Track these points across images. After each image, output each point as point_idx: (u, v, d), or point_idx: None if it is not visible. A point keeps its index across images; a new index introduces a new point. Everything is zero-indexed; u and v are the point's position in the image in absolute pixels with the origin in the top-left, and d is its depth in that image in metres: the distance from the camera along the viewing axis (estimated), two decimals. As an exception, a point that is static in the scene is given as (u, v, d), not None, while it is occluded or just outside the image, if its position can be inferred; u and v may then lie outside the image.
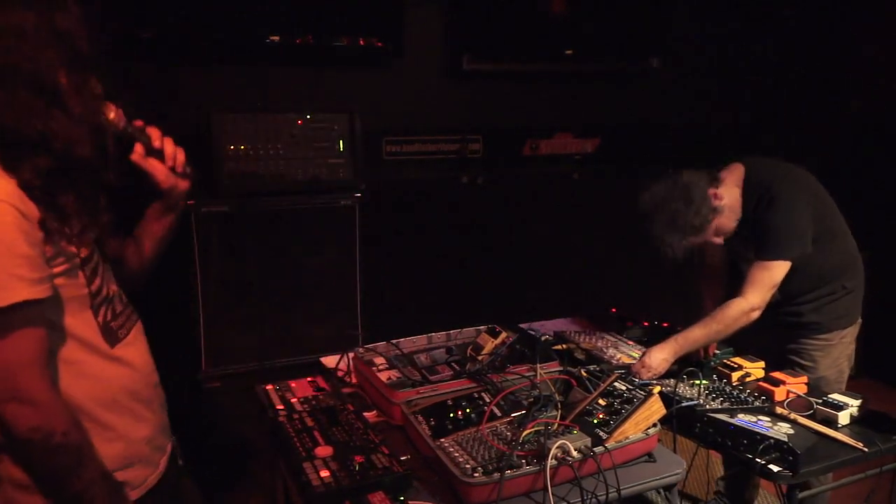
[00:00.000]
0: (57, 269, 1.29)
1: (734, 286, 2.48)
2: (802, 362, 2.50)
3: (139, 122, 1.50)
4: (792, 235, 2.30)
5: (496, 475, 1.60)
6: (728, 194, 2.37)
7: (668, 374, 2.30)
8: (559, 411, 1.89)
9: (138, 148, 1.49)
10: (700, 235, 2.35)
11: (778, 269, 2.30)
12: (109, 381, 1.39)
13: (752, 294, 2.30)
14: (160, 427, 1.53)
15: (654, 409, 1.85)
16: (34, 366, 1.22)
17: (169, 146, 1.52)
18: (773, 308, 2.41)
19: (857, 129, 4.35)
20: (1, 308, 1.18)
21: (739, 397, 2.12)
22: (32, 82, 1.26)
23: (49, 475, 1.25)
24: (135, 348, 1.46)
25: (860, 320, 2.55)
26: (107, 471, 1.32)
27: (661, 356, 2.31)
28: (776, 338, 2.58)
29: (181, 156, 1.53)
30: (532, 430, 1.76)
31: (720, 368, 2.38)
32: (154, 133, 1.50)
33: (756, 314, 2.31)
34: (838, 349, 2.51)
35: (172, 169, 1.52)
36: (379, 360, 2.28)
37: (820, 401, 2.10)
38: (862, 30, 4.38)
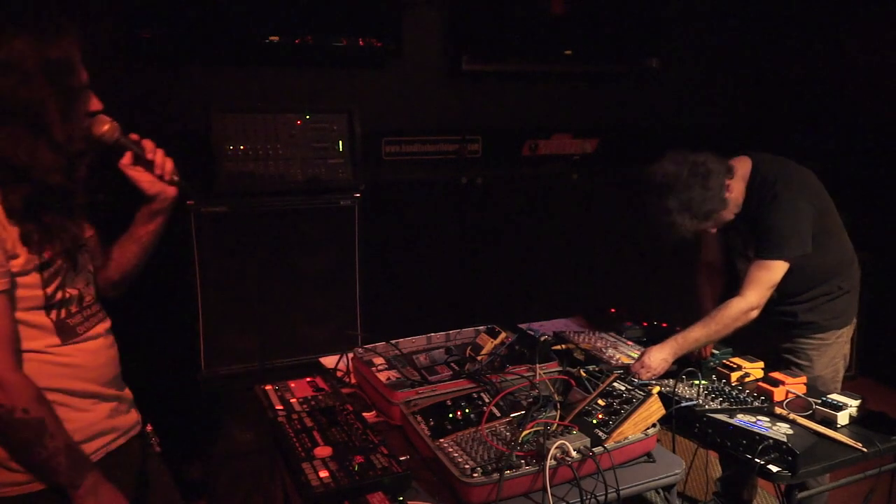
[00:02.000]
0: (17, 267, 1.39)
1: (732, 285, 2.49)
2: (798, 361, 2.51)
3: (135, 136, 1.61)
4: (792, 236, 2.30)
5: (495, 475, 1.60)
6: (736, 188, 2.37)
7: (667, 375, 2.30)
8: (558, 411, 1.89)
9: (126, 157, 1.60)
10: (705, 224, 2.34)
11: (777, 269, 2.30)
12: (56, 372, 1.47)
13: (751, 293, 2.30)
14: (109, 414, 1.58)
15: (654, 409, 1.85)
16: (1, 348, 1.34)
17: (159, 156, 1.62)
18: (770, 307, 2.41)
19: (857, 129, 4.35)
20: None
21: (738, 397, 2.12)
22: (21, 114, 1.36)
23: (14, 446, 1.38)
24: (88, 346, 1.53)
25: (855, 321, 2.55)
26: (71, 442, 1.43)
27: (660, 356, 2.31)
28: (772, 337, 2.59)
29: (169, 165, 1.63)
30: (531, 430, 1.76)
31: (719, 369, 2.39)
32: (147, 145, 1.62)
33: (755, 314, 2.31)
34: (834, 349, 2.51)
35: (161, 177, 1.62)
36: (378, 361, 2.28)
37: (819, 401, 2.10)
38: (861, 29, 4.38)
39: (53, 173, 1.39)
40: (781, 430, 1.95)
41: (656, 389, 1.95)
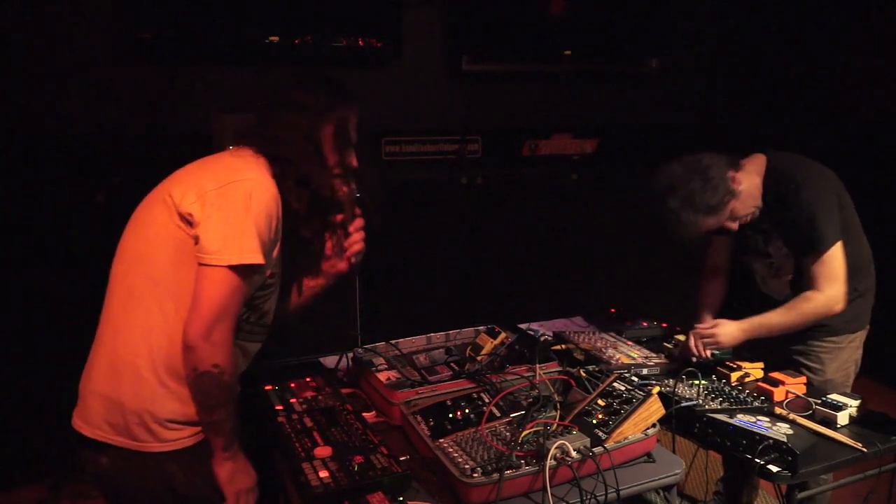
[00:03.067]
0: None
1: (735, 290, 2.48)
2: (810, 364, 2.47)
3: (357, 210, 1.92)
4: (829, 218, 2.28)
5: (495, 475, 1.60)
6: (747, 180, 2.34)
7: (667, 374, 2.31)
8: (558, 412, 1.89)
9: (338, 217, 1.88)
10: (715, 217, 2.30)
11: (836, 254, 2.28)
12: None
13: (829, 287, 2.27)
14: None
15: (653, 409, 1.85)
16: (232, 317, 1.57)
17: (356, 236, 1.92)
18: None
19: (857, 130, 4.35)
20: (243, 265, 1.54)
21: (738, 397, 2.12)
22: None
23: (207, 403, 1.57)
24: (240, 352, 1.75)
25: (868, 326, 2.52)
26: (237, 413, 1.64)
27: (733, 331, 2.31)
28: (784, 338, 2.56)
29: (357, 247, 1.93)
30: (531, 430, 1.76)
31: (719, 369, 2.38)
32: (357, 222, 1.93)
33: (840, 307, 2.30)
34: (847, 353, 2.47)
35: (345, 251, 1.92)
36: (378, 361, 2.28)
37: (819, 401, 2.10)
38: (862, 29, 4.38)
39: (333, 195, 1.80)
40: (781, 430, 1.95)
41: (656, 389, 1.95)
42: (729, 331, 2.33)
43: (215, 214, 1.56)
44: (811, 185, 2.29)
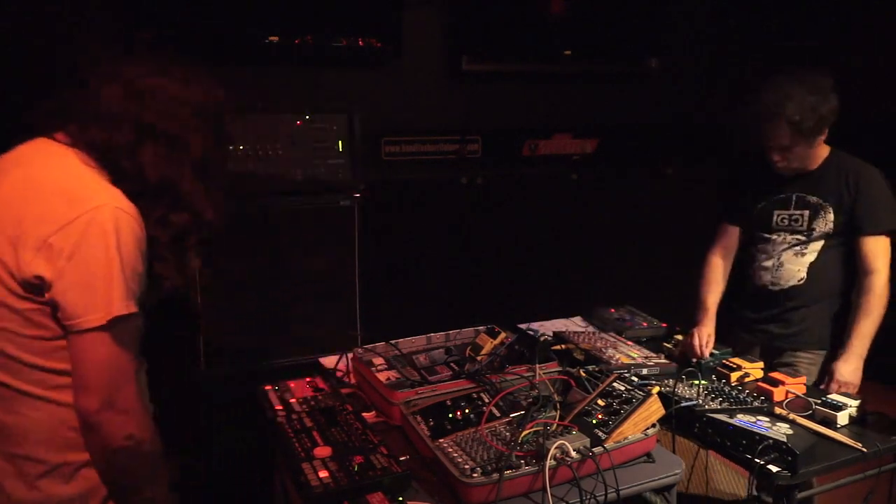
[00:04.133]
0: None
1: (736, 280, 2.58)
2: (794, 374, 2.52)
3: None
4: (893, 204, 2.41)
5: (495, 475, 1.60)
6: (821, 145, 2.46)
7: (667, 375, 2.31)
8: (558, 412, 1.89)
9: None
10: (814, 134, 2.38)
11: (887, 239, 2.42)
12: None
13: (884, 266, 2.39)
14: None
15: (653, 409, 1.85)
16: (132, 376, 1.31)
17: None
18: (768, 312, 2.51)
19: (859, 130, 4.35)
20: (121, 316, 1.26)
21: (738, 398, 2.12)
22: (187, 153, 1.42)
23: (130, 481, 1.34)
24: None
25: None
26: (168, 488, 1.43)
27: (850, 368, 2.38)
28: (771, 351, 2.62)
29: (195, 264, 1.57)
30: (531, 430, 1.76)
31: (719, 369, 2.39)
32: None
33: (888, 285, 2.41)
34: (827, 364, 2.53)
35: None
36: (378, 361, 2.28)
37: (819, 401, 2.10)
38: (862, 29, 4.38)
39: (210, 210, 1.43)
40: (781, 430, 1.95)
41: (656, 389, 1.95)
42: (848, 372, 2.39)
43: (72, 270, 1.23)
44: (878, 173, 2.43)
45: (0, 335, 1.28)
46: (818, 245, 2.48)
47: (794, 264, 2.51)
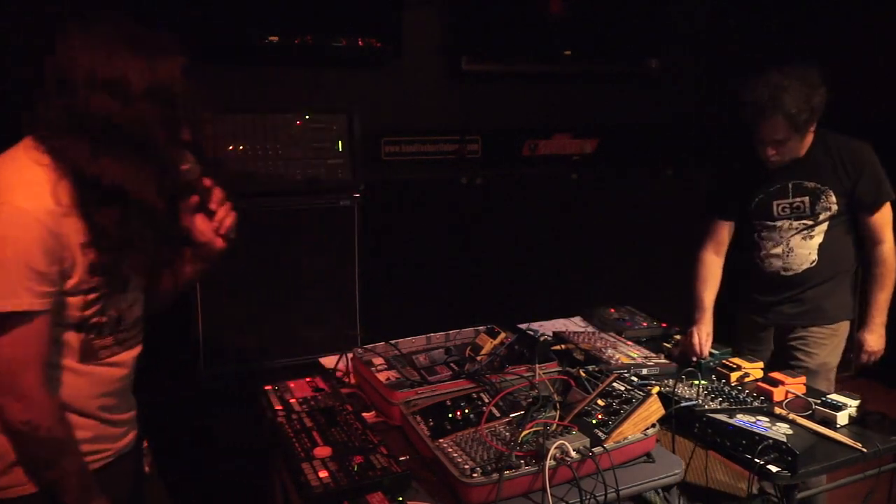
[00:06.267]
0: (66, 287, 1.39)
1: (731, 275, 2.61)
2: (807, 349, 2.59)
3: (208, 181, 1.59)
4: (886, 178, 2.49)
5: (495, 476, 1.60)
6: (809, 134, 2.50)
7: (667, 375, 2.31)
8: (558, 412, 1.89)
9: (193, 200, 1.58)
10: (807, 126, 2.41)
11: (890, 207, 2.51)
12: (76, 389, 1.48)
13: (890, 233, 2.50)
14: (96, 436, 1.56)
15: (653, 409, 1.85)
16: (30, 366, 1.35)
17: (222, 211, 1.61)
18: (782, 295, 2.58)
19: (859, 129, 4.35)
20: (5, 312, 1.30)
21: (738, 397, 2.12)
22: (128, 136, 1.37)
23: (32, 462, 1.41)
24: (102, 372, 1.52)
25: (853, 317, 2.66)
26: (85, 467, 1.46)
27: (875, 336, 2.52)
28: (785, 328, 2.66)
29: (229, 221, 1.63)
30: (531, 430, 1.76)
31: (719, 369, 2.39)
32: (216, 195, 1.60)
33: None
34: (838, 339, 2.61)
35: (216, 230, 1.62)
36: (378, 361, 2.28)
37: (819, 401, 2.10)
38: (862, 29, 4.38)
39: (156, 197, 1.41)
40: (781, 430, 1.95)
41: (655, 389, 1.95)
42: (874, 341, 2.55)
43: None
44: (869, 148, 2.51)
45: None
46: (824, 226, 2.52)
47: (804, 248, 2.54)
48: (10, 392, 1.33)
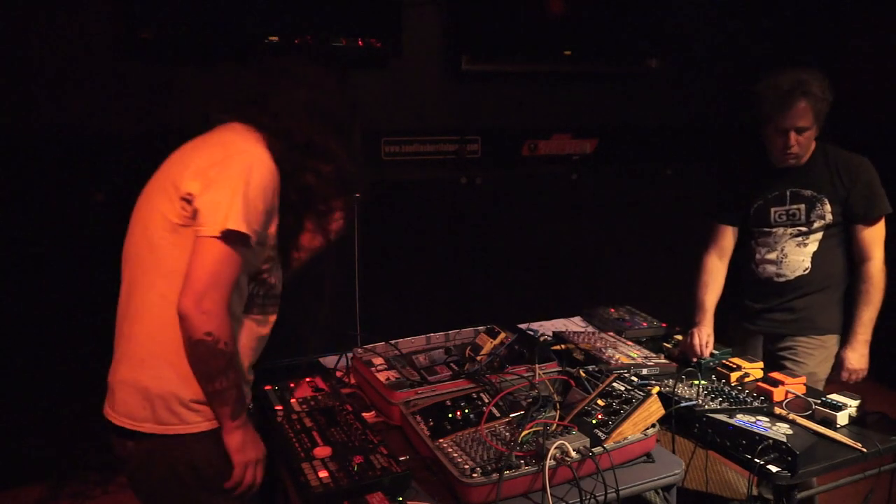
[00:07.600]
0: (269, 232, 1.67)
1: (733, 279, 2.60)
2: (795, 359, 2.57)
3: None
4: (883, 192, 2.49)
5: (495, 476, 1.60)
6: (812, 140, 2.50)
7: (667, 375, 2.31)
8: (558, 412, 1.89)
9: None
10: (820, 121, 2.43)
11: (884, 223, 2.50)
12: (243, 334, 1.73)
13: (879, 252, 2.48)
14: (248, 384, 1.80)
15: (653, 409, 1.85)
16: (226, 285, 1.57)
17: (338, 213, 1.94)
18: (773, 302, 2.54)
19: (859, 129, 4.35)
20: (237, 231, 1.54)
21: (738, 398, 2.12)
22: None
23: (206, 372, 1.58)
24: (249, 324, 1.76)
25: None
26: (242, 382, 1.68)
27: (857, 356, 2.48)
28: (773, 337, 2.65)
29: (338, 224, 1.96)
30: (531, 430, 1.76)
31: (719, 369, 2.39)
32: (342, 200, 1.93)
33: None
34: (828, 350, 2.58)
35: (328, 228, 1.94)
36: (377, 361, 2.28)
37: (819, 401, 2.10)
38: (862, 29, 4.38)
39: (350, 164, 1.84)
40: (781, 431, 1.95)
41: (655, 390, 1.95)
42: (855, 360, 2.50)
43: (211, 187, 1.57)
44: (868, 163, 2.50)
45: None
46: (819, 235, 2.52)
47: (798, 255, 2.54)
48: (199, 306, 1.52)
